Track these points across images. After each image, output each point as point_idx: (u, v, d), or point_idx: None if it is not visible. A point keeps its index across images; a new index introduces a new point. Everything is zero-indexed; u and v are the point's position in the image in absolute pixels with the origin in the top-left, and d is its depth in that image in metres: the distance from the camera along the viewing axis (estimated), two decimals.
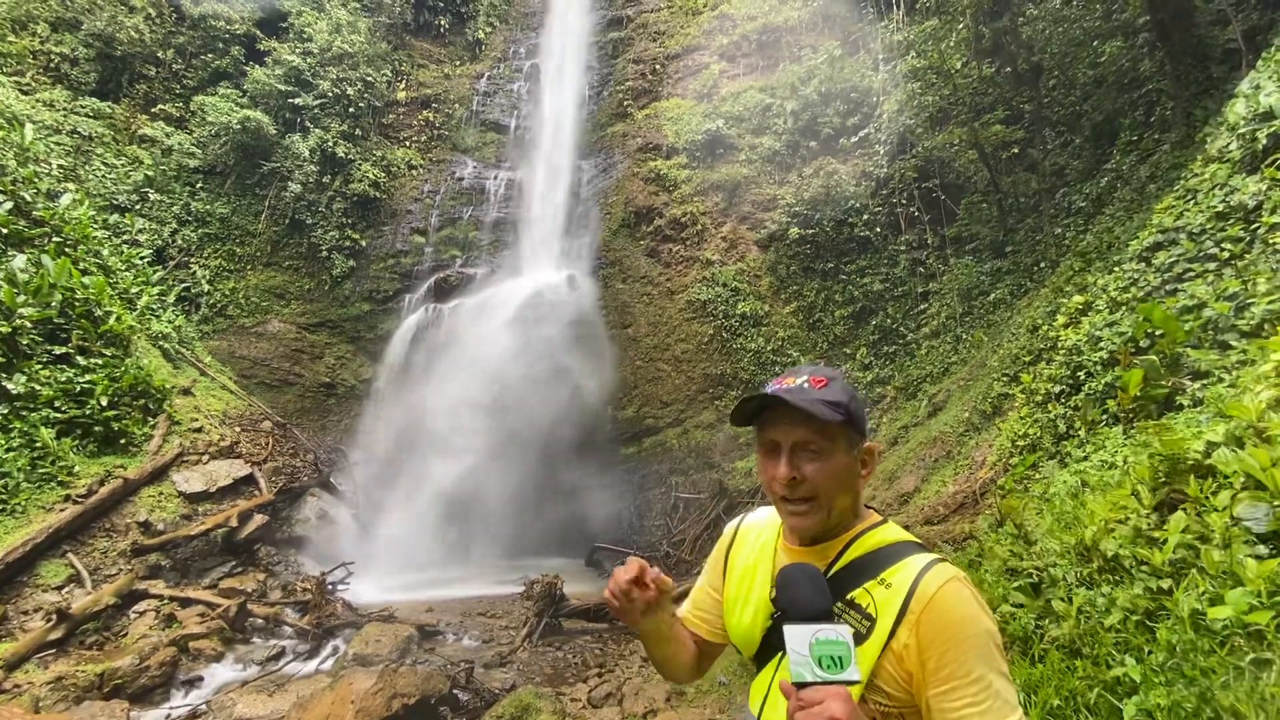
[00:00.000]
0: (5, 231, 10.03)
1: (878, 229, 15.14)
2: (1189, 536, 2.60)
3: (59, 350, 9.67)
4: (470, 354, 15.16)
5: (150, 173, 16.27)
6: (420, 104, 20.31)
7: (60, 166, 14.02)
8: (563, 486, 15.16)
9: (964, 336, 12.13)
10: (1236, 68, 8.81)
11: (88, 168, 15.32)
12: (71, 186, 13.10)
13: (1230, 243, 5.26)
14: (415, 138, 19.97)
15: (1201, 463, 2.87)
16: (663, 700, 6.32)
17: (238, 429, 12.23)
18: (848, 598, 1.16)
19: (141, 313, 12.12)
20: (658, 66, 19.20)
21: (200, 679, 7.29)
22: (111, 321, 10.38)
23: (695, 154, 16.95)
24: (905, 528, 1.32)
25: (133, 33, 17.07)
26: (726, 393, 14.93)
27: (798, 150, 16.53)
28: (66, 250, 10.75)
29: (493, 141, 20.19)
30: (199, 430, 11.21)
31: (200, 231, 16.79)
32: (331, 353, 17.26)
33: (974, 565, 4.19)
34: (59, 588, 8.05)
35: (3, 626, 7.30)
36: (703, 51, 18.99)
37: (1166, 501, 2.91)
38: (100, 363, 9.99)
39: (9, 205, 10.18)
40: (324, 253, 17.70)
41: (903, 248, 14.85)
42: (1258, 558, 2.31)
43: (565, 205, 17.97)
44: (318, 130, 17.95)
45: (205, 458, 10.77)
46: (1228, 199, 5.56)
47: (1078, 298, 6.97)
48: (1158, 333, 4.78)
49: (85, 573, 8.26)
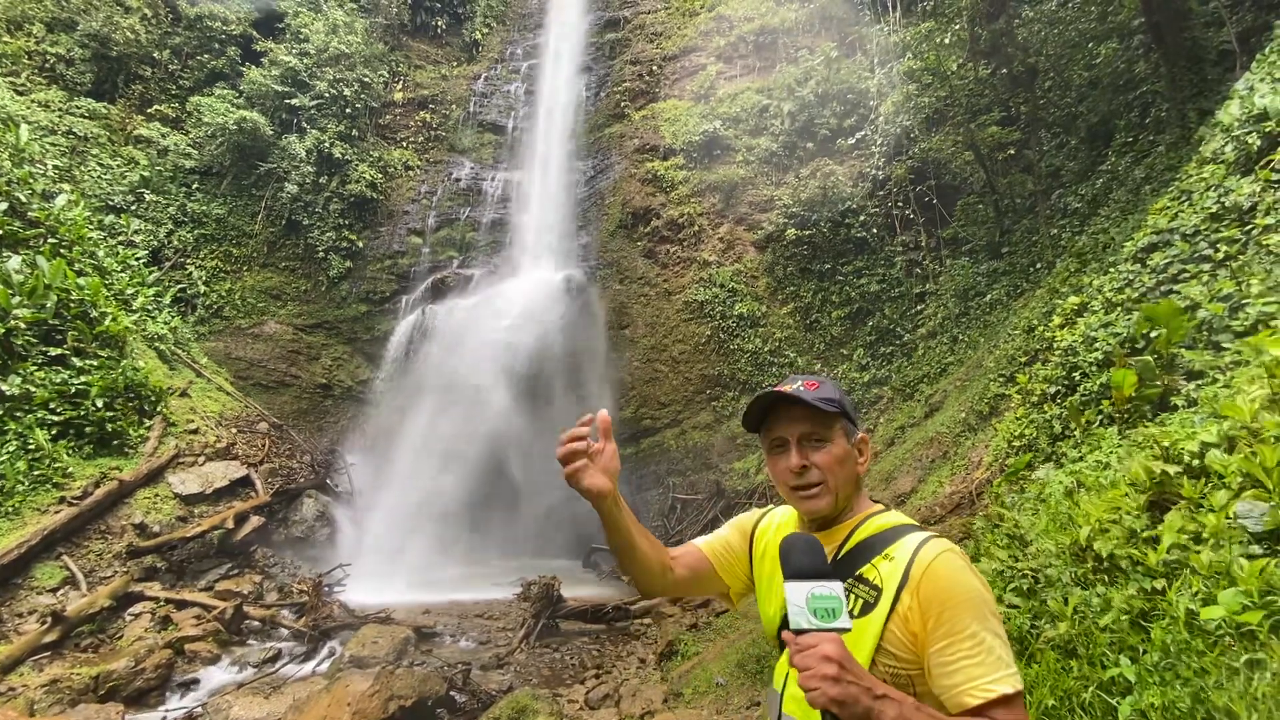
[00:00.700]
0: (0, 233, 9.99)
1: (874, 230, 15.17)
2: (1183, 537, 2.61)
3: (54, 351, 9.64)
4: (467, 355, 15.14)
5: (146, 173, 16.23)
6: (417, 105, 20.30)
7: (55, 167, 13.96)
8: (560, 487, 15.10)
9: (960, 337, 12.16)
10: (1231, 69, 8.86)
11: (83, 168, 15.28)
12: (67, 187, 13.05)
13: (1225, 244, 5.28)
14: (412, 138, 19.95)
15: (1195, 463, 2.88)
16: (660, 701, 6.31)
17: (234, 430, 12.19)
18: (857, 573, 1.27)
19: (137, 314, 12.09)
20: (655, 68, 19.22)
21: (196, 681, 7.26)
22: (107, 323, 10.35)
23: (692, 155, 16.96)
24: None
25: (128, 33, 17.03)
26: (724, 394, 14.94)
27: (795, 151, 16.55)
28: (62, 251, 10.72)
29: (490, 142, 20.18)
30: (195, 432, 11.18)
31: (196, 232, 16.74)
32: (328, 354, 17.22)
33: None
34: (54, 590, 8.02)
35: None
36: (700, 53, 19.01)
37: (1160, 502, 2.92)
38: (95, 364, 9.96)
39: (4, 206, 10.14)
40: (321, 253, 17.67)
41: (899, 249, 14.88)
42: (1251, 557, 2.32)
43: (562, 206, 17.97)
44: (314, 131, 17.92)
45: (201, 459, 10.74)
46: (1222, 200, 5.58)
47: (1073, 299, 6.99)
48: (1153, 333, 4.80)
49: (80, 575, 8.23)
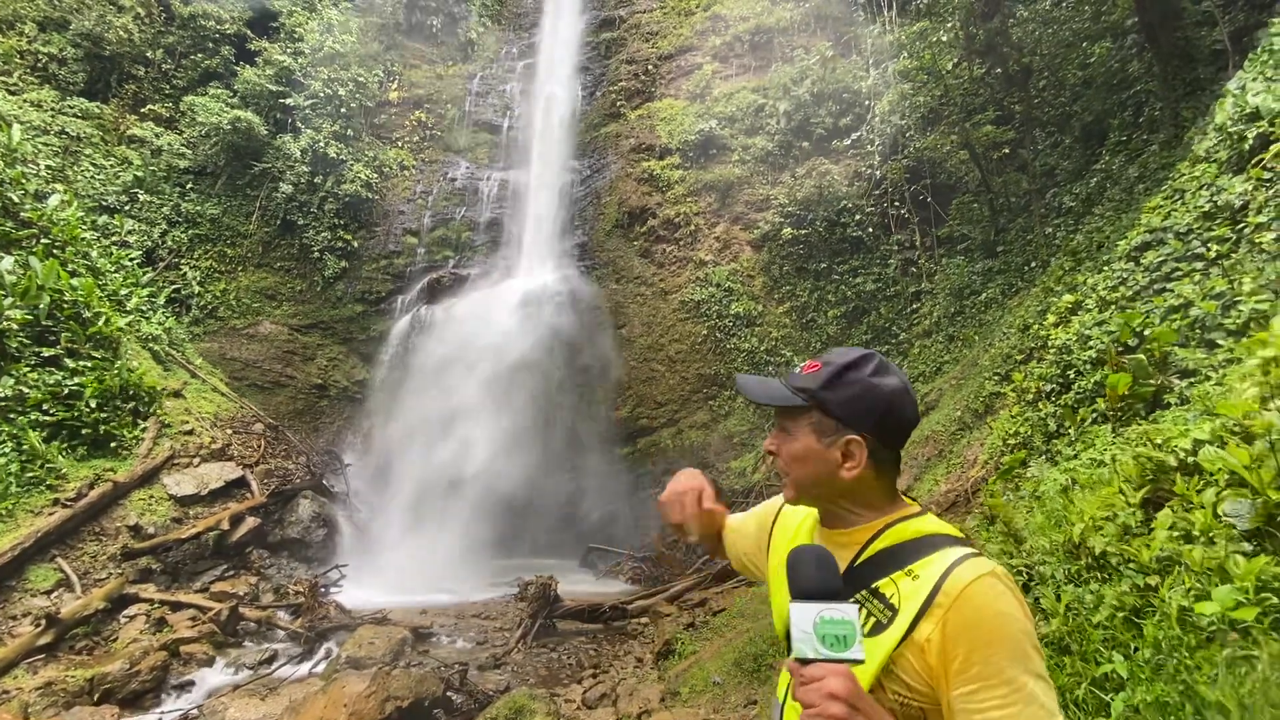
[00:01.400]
0: None
1: (870, 229, 15.20)
2: (1175, 534, 2.63)
3: (47, 352, 9.59)
4: (463, 355, 15.12)
5: (139, 173, 16.15)
6: (412, 104, 20.24)
7: (48, 167, 13.90)
8: (557, 487, 15.14)
9: (956, 336, 12.20)
10: (1223, 68, 8.89)
11: (76, 168, 15.20)
12: (60, 187, 12.99)
13: (1217, 242, 5.31)
14: (407, 138, 19.90)
15: (1188, 460, 2.90)
16: (657, 700, 6.32)
17: (229, 431, 12.15)
18: (873, 586, 1.12)
19: (131, 315, 12.03)
20: (650, 67, 19.22)
21: (191, 683, 7.24)
22: (100, 323, 10.30)
23: (688, 154, 16.97)
24: None
25: (121, 32, 16.95)
26: (720, 393, 14.95)
27: (790, 151, 16.58)
28: (55, 252, 10.66)
29: (485, 142, 20.14)
30: (190, 433, 11.13)
31: (190, 233, 16.67)
32: (324, 354, 17.18)
33: None
34: (48, 592, 7.98)
35: None
36: (695, 52, 19.01)
37: (1153, 499, 2.94)
38: (89, 365, 9.91)
39: None
40: (316, 254, 17.62)
41: (895, 248, 14.92)
42: (1244, 555, 2.33)
43: (558, 206, 17.95)
44: (309, 131, 17.85)
45: (196, 460, 10.70)
46: (1215, 199, 5.61)
47: (1068, 297, 7.02)
48: (1145, 331, 4.82)
49: (74, 577, 8.19)
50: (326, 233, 17.74)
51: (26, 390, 9.04)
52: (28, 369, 9.26)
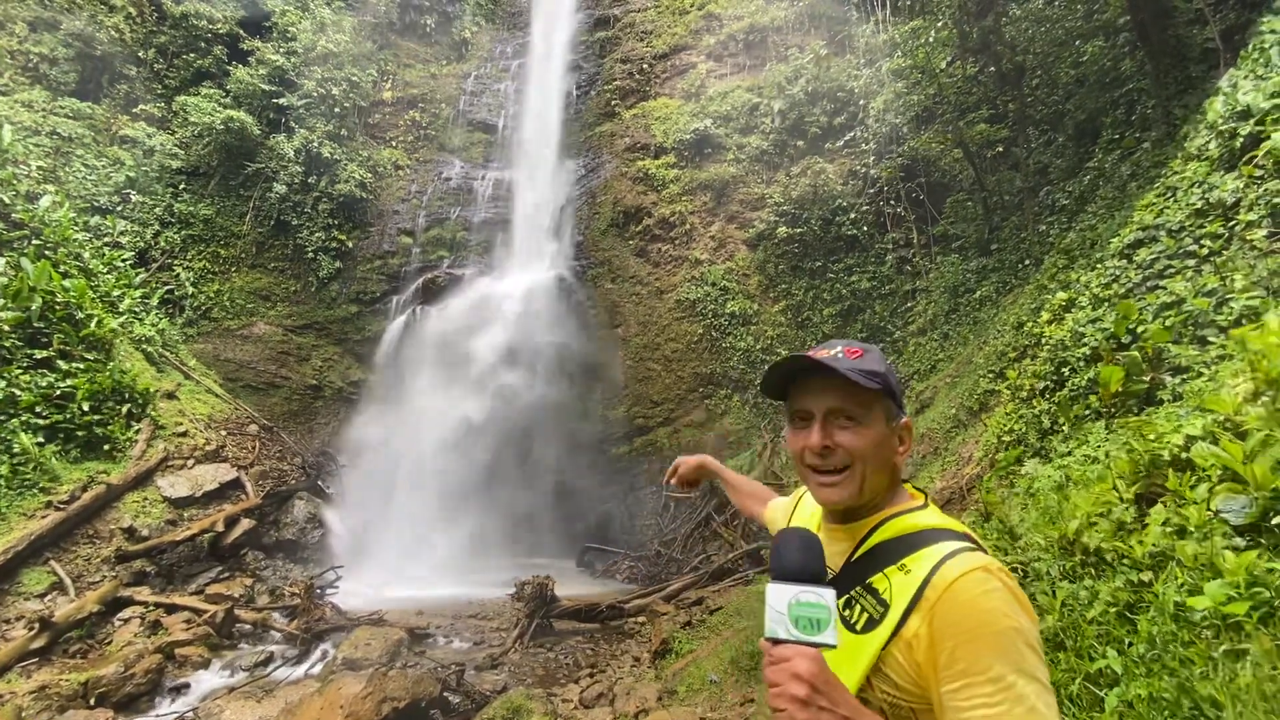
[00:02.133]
0: None
1: (865, 228, 15.23)
2: (1168, 530, 2.64)
3: (39, 354, 9.53)
4: (458, 355, 15.09)
5: (132, 174, 16.05)
6: (406, 104, 20.17)
7: (39, 168, 13.79)
8: (553, 487, 15.13)
9: (951, 334, 12.24)
10: (1215, 67, 8.94)
11: (68, 169, 15.09)
12: (51, 188, 12.89)
13: (1209, 239, 5.34)
14: (402, 138, 19.84)
15: (1180, 456, 2.92)
16: (654, 700, 6.32)
17: (223, 433, 12.10)
18: (867, 582, 1.10)
19: (124, 316, 11.97)
20: (645, 66, 19.20)
21: (187, 686, 7.20)
22: (93, 325, 10.24)
23: (683, 153, 16.97)
24: None
25: (113, 32, 16.84)
26: (716, 391, 14.97)
27: (785, 150, 16.59)
28: (46, 253, 10.59)
29: (480, 141, 20.09)
30: (184, 434, 11.08)
31: (183, 233, 16.58)
32: (318, 355, 17.11)
33: None
34: (41, 596, 7.94)
35: None
36: (690, 51, 19.01)
37: (1146, 495, 2.95)
38: (82, 367, 9.85)
39: None
40: (310, 254, 17.55)
41: (889, 246, 14.95)
42: (1236, 550, 2.35)
43: (553, 205, 17.93)
44: (303, 131, 17.78)
45: (190, 462, 10.65)
46: (1206, 196, 5.64)
47: (1061, 294, 7.05)
48: (1139, 328, 4.85)
49: (68, 580, 8.14)
50: (321, 233, 17.67)
51: (19, 392, 8.98)
52: (20, 371, 9.20)
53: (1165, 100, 9.50)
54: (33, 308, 9.57)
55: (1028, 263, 11.03)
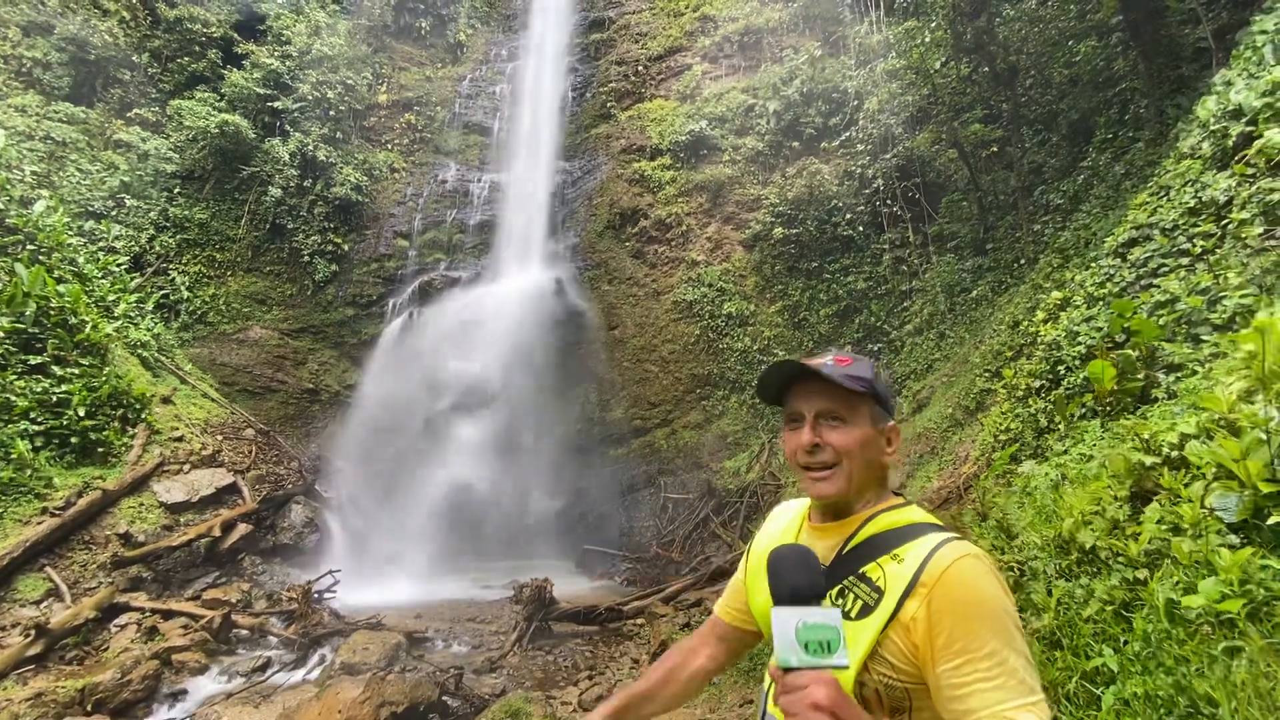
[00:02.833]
0: None
1: (860, 228, 15.26)
2: (1163, 528, 2.65)
3: (34, 360, 9.49)
4: (455, 358, 15.08)
5: (126, 178, 16.00)
6: (402, 107, 20.16)
7: (33, 173, 13.75)
8: (551, 489, 15.12)
9: (947, 333, 12.27)
10: (1207, 66, 8.97)
11: (62, 174, 15.05)
12: (45, 193, 12.84)
13: (1202, 238, 5.36)
14: (397, 140, 19.82)
15: (1174, 454, 2.93)
16: None
17: (220, 437, 12.07)
18: (860, 571, 1.17)
19: (119, 321, 11.93)
20: (640, 68, 19.22)
21: (184, 692, 7.18)
22: (88, 330, 10.22)
23: (679, 155, 16.98)
24: None
25: (107, 36, 16.80)
26: (714, 393, 14.97)
27: (781, 150, 16.62)
28: (41, 258, 10.56)
29: (476, 144, 20.09)
30: (180, 439, 11.05)
31: (179, 237, 16.54)
32: (315, 358, 17.07)
33: None
34: (37, 602, 7.90)
35: None
36: (685, 53, 19.03)
37: (1141, 493, 2.96)
38: (77, 372, 9.82)
39: None
40: (306, 257, 17.51)
41: (885, 246, 14.98)
42: (1230, 547, 2.36)
43: (549, 207, 17.93)
44: (298, 134, 17.75)
45: (187, 467, 10.62)
46: (1199, 195, 5.66)
47: (1056, 294, 7.07)
48: (1133, 327, 4.86)
49: (64, 586, 8.11)
50: (316, 236, 17.64)
51: (13, 398, 8.95)
52: (14, 377, 9.17)
53: (1158, 99, 9.54)
54: (27, 313, 9.54)
55: (1023, 262, 11.06)
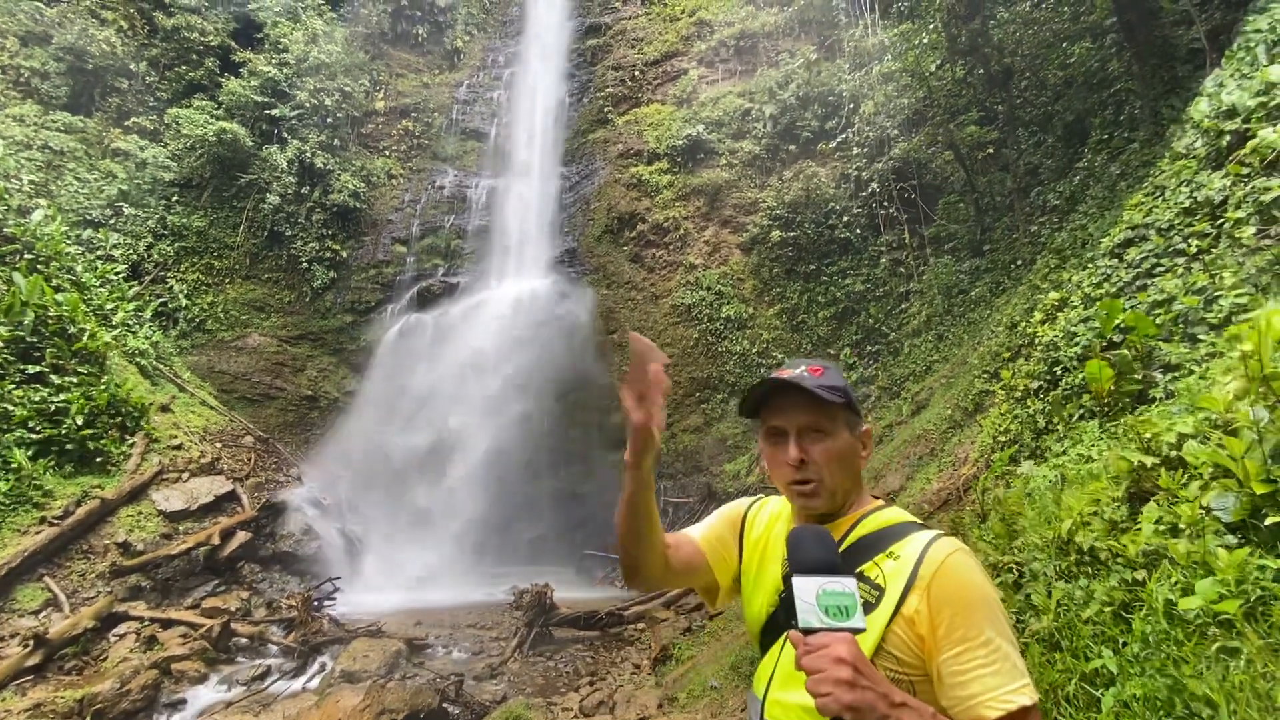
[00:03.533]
0: None
1: (858, 230, 15.29)
2: (1161, 528, 2.65)
3: (32, 369, 9.48)
4: (454, 362, 15.08)
5: (124, 187, 16.03)
6: (399, 113, 20.22)
7: (31, 182, 13.77)
8: (551, 494, 15.10)
9: (945, 335, 12.27)
10: (1201, 67, 9.01)
11: (60, 183, 15.07)
12: (43, 202, 12.86)
13: (1198, 237, 5.37)
14: (395, 147, 19.87)
15: (1172, 455, 2.93)
16: (654, 707, 6.30)
17: (219, 445, 12.05)
18: (858, 571, 1.20)
19: (117, 329, 11.92)
20: (637, 73, 19.28)
21: (184, 701, 7.15)
22: (86, 339, 10.21)
23: (676, 159, 17.02)
24: None
25: (104, 46, 16.84)
26: (713, 396, 14.97)
27: (777, 154, 16.66)
28: (38, 267, 10.56)
29: (473, 150, 20.14)
30: (178, 447, 11.03)
31: (177, 245, 16.55)
32: (313, 365, 17.07)
33: None
34: (36, 612, 7.88)
35: None
36: (681, 58, 19.10)
37: (1139, 493, 2.96)
38: (75, 381, 9.81)
39: None
40: (304, 264, 17.53)
41: (883, 248, 15.01)
42: (1228, 548, 2.35)
43: (548, 212, 17.97)
44: (295, 141, 17.79)
45: (185, 475, 10.60)
46: (1194, 195, 5.68)
47: (1053, 294, 7.08)
48: (1128, 324, 4.87)
49: (63, 596, 8.09)
50: (314, 243, 17.66)
51: (11, 408, 8.93)
52: (12, 386, 9.16)
53: (1152, 100, 9.57)
54: (25, 322, 9.53)
55: (1020, 263, 11.08)
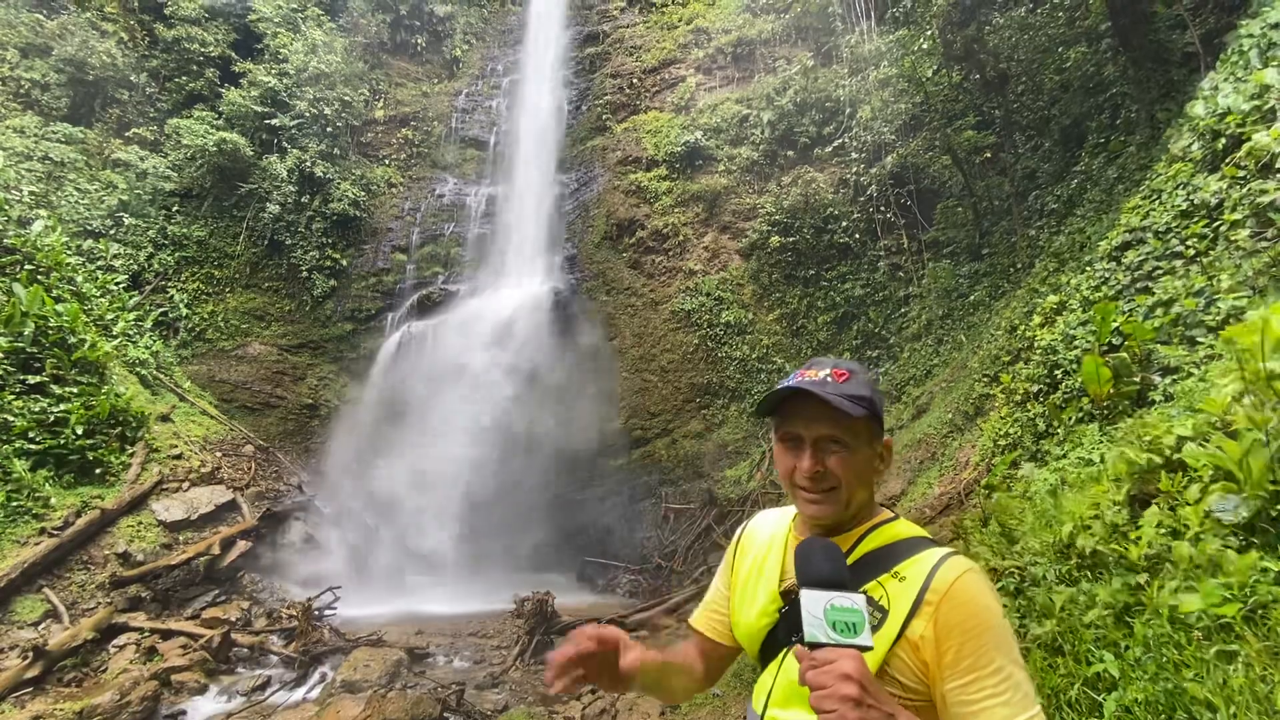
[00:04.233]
0: None
1: (856, 235, 15.32)
2: (1161, 531, 2.64)
3: (32, 380, 9.49)
4: (454, 370, 15.08)
5: (125, 197, 16.08)
6: (399, 122, 20.30)
7: (32, 193, 13.82)
8: (551, 501, 15.06)
9: (945, 339, 12.28)
10: (1196, 70, 9.06)
11: (60, 194, 15.11)
12: (44, 213, 12.90)
13: (1195, 240, 5.39)
14: (394, 155, 19.94)
15: (1172, 457, 2.93)
16: (657, 716, 6.28)
17: (219, 454, 12.04)
18: (861, 590, 1.13)
19: (118, 339, 11.94)
20: (635, 80, 19.37)
21: (183, 713, 7.12)
22: (86, 349, 10.21)
23: (675, 165, 17.08)
24: None
25: (105, 57, 16.93)
26: (713, 402, 14.96)
27: (776, 160, 16.72)
28: (39, 278, 10.58)
29: (473, 158, 20.20)
30: (179, 457, 11.02)
31: (177, 255, 16.59)
32: (314, 374, 17.08)
33: None
34: (35, 624, 7.85)
35: None
36: (679, 65, 19.19)
37: (1140, 496, 2.96)
38: (75, 391, 9.81)
39: None
40: (304, 273, 17.56)
41: (882, 253, 15.03)
42: (1230, 550, 2.35)
43: (547, 219, 18.00)
44: (295, 150, 17.85)
45: (185, 485, 10.59)
46: (1191, 198, 5.70)
47: (1052, 298, 7.10)
48: (1124, 329, 4.88)
49: (62, 607, 8.06)
50: (315, 252, 17.69)
51: (11, 418, 8.93)
52: (12, 397, 9.16)
53: (1148, 104, 9.61)
54: (25, 333, 9.54)
55: (1019, 266, 11.10)
